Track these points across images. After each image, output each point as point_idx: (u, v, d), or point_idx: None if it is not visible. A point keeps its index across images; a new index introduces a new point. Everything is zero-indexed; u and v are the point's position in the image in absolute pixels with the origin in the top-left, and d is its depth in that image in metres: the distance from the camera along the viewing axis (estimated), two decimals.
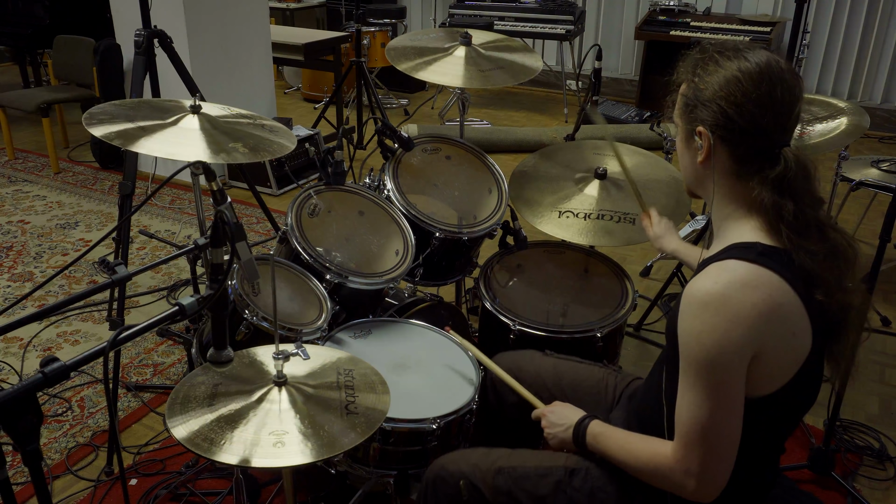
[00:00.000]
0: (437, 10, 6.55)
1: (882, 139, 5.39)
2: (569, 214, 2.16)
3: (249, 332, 1.78)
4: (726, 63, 1.21)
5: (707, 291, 1.15)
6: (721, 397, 1.15)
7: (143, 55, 2.45)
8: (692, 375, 1.17)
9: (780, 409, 1.23)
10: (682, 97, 1.29)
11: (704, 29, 5.49)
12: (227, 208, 1.30)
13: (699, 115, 1.24)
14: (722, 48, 1.25)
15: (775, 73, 1.19)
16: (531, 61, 2.43)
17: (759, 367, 1.16)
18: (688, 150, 1.30)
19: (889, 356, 2.85)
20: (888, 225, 1.97)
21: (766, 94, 1.18)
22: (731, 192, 1.26)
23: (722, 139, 1.22)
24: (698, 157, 1.26)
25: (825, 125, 2.22)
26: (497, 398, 1.77)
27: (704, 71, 1.24)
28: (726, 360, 1.13)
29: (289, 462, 1.22)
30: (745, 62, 1.20)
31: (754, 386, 1.17)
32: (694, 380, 1.17)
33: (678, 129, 1.33)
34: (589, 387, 1.66)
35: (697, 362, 1.16)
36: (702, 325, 1.14)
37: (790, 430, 1.33)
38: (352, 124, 4.99)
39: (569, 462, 1.45)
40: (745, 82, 1.19)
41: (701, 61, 1.25)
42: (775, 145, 1.21)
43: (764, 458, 1.31)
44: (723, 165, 1.24)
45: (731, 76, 1.20)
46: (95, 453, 2.29)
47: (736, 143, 1.22)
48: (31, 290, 1.38)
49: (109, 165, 4.64)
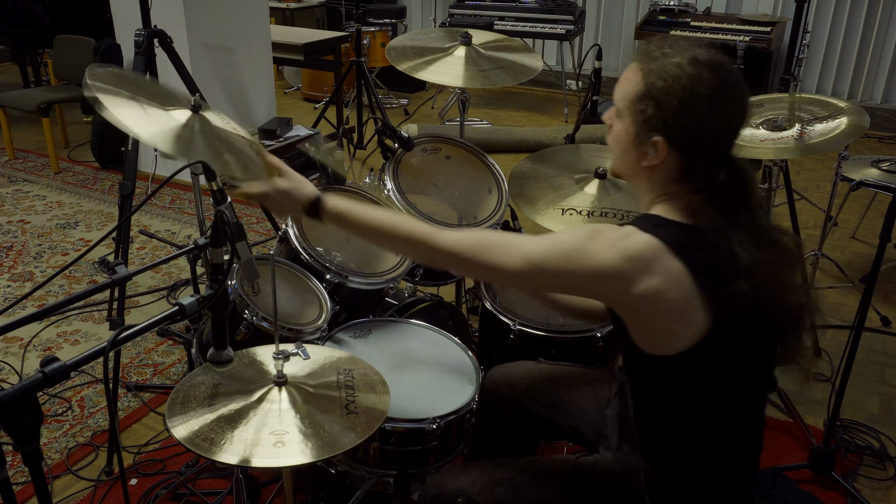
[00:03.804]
0: (437, 10, 6.55)
1: (882, 139, 5.39)
2: (571, 212, 2.16)
3: (249, 332, 1.78)
4: (688, 71, 1.19)
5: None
6: (560, 259, 1.22)
7: (143, 55, 2.45)
8: (562, 239, 1.26)
9: (704, 383, 1.25)
10: (638, 90, 1.24)
11: (704, 29, 5.49)
12: (227, 208, 1.30)
13: (655, 122, 1.21)
14: (681, 50, 1.22)
15: (734, 86, 1.20)
16: (531, 61, 2.43)
17: (637, 313, 1.22)
18: (634, 148, 1.27)
19: (889, 356, 2.85)
20: (888, 225, 1.97)
21: (725, 107, 1.19)
22: (666, 190, 1.27)
23: (675, 149, 1.22)
24: (645, 161, 1.26)
25: (825, 125, 2.22)
26: (495, 412, 1.76)
27: (663, 72, 1.20)
28: (589, 262, 1.19)
29: (289, 462, 1.22)
30: (706, 72, 1.18)
31: (649, 335, 1.23)
32: (561, 244, 1.24)
33: (621, 117, 1.29)
34: (583, 386, 1.66)
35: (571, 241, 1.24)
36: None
37: (747, 421, 1.34)
38: (352, 124, 4.99)
39: (567, 465, 1.45)
40: (708, 96, 1.18)
41: (661, 59, 1.22)
42: (723, 155, 1.23)
43: (728, 451, 1.32)
44: (668, 172, 1.25)
45: (696, 89, 1.18)
46: (95, 453, 2.29)
47: (688, 154, 1.22)
48: (31, 290, 1.37)
49: (109, 165, 4.64)
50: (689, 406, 1.29)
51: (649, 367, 1.28)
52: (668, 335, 1.21)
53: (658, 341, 1.23)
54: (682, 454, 1.33)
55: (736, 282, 1.18)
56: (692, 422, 1.30)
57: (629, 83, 1.26)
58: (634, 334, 1.26)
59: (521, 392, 1.69)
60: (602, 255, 1.19)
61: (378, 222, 1.36)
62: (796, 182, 4.39)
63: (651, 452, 1.35)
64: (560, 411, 1.65)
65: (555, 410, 1.66)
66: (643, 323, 1.24)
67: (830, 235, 3.73)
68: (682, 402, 1.29)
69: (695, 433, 1.31)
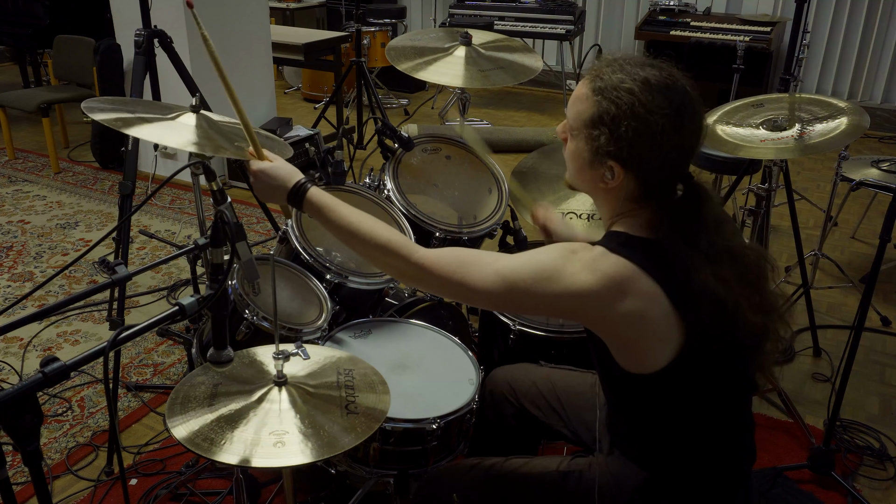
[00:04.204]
0: (437, 10, 6.55)
1: (882, 139, 5.39)
2: (571, 215, 2.16)
3: (249, 331, 1.78)
4: (641, 98, 1.17)
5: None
6: (534, 281, 1.21)
7: (143, 55, 2.45)
8: (536, 258, 1.24)
9: (682, 395, 1.25)
10: (591, 114, 1.22)
11: (704, 29, 5.49)
12: (227, 208, 1.30)
13: (610, 150, 1.20)
14: (632, 73, 1.20)
15: (689, 108, 1.19)
16: (531, 61, 2.43)
17: (619, 334, 1.22)
18: (590, 169, 1.26)
19: (889, 356, 2.85)
20: (888, 225, 1.97)
21: (679, 130, 1.18)
22: (625, 208, 1.26)
23: (631, 173, 1.22)
24: (601, 184, 1.25)
25: (825, 125, 2.22)
26: (496, 413, 1.76)
27: (616, 98, 1.19)
28: (564, 285, 1.19)
29: (289, 462, 1.22)
30: (659, 98, 1.17)
31: (632, 354, 1.23)
32: (534, 263, 1.23)
33: (574, 137, 1.27)
34: (581, 392, 1.66)
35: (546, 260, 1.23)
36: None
37: (732, 425, 1.34)
38: (352, 124, 4.99)
39: (562, 465, 1.45)
40: (662, 123, 1.16)
41: (613, 83, 1.20)
42: (680, 173, 1.23)
43: (716, 456, 1.32)
44: (626, 192, 1.24)
45: (649, 118, 1.17)
46: (95, 453, 2.29)
47: (644, 176, 1.22)
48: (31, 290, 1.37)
49: (109, 165, 4.64)
50: (667, 418, 1.29)
51: (628, 385, 1.28)
52: (650, 353, 1.22)
53: (641, 360, 1.23)
54: (667, 462, 1.33)
55: (703, 297, 1.18)
56: (673, 432, 1.30)
57: (581, 103, 1.25)
58: (617, 355, 1.25)
59: (522, 395, 1.70)
60: (578, 276, 1.19)
61: (356, 223, 1.34)
62: (796, 182, 4.40)
63: (640, 458, 1.36)
64: (559, 416, 1.66)
65: (555, 416, 1.66)
66: (627, 343, 1.23)
67: (830, 235, 3.73)
68: (660, 414, 1.29)
69: (677, 442, 1.31)
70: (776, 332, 1.26)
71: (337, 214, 1.36)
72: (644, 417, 1.32)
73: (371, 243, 1.33)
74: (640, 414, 1.32)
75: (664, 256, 1.20)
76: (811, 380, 2.69)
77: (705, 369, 1.24)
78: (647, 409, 1.30)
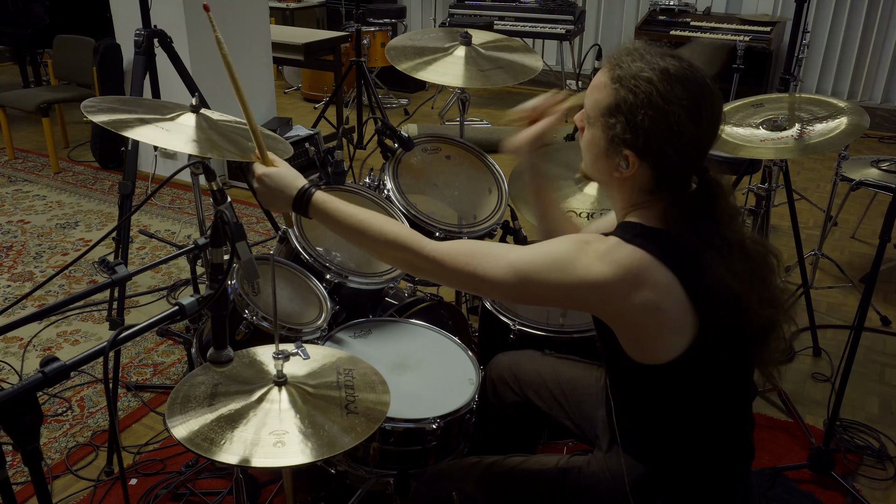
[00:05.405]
0: (437, 9, 6.55)
1: (882, 139, 5.39)
2: (571, 214, 2.16)
3: (249, 331, 1.78)
4: (660, 87, 1.17)
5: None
6: (547, 270, 1.21)
7: (143, 55, 2.45)
8: (549, 250, 1.24)
9: (688, 389, 1.26)
10: (608, 102, 1.22)
11: (704, 28, 5.49)
12: (227, 208, 1.30)
13: (626, 138, 1.20)
14: (652, 62, 1.19)
15: (707, 100, 1.19)
16: (531, 61, 2.43)
17: (632, 325, 1.22)
18: (605, 158, 1.26)
19: (889, 356, 2.85)
20: (888, 225, 1.97)
21: (697, 122, 1.18)
22: (639, 199, 1.26)
23: (647, 163, 1.22)
24: (616, 173, 1.25)
25: (825, 125, 2.22)
26: (497, 399, 1.77)
27: (634, 87, 1.18)
28: (579, 273, 1.19)
29: (289, 462, 1.22)
30: (678, 89, 1.17)
31: (643, 346, 1.23)
32: (548, 254, 1.24)
33: (591, 125, 1.27)
34: (586, 385, 1.66)
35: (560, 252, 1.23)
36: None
37: (733, 424, 1.34)
38: (352, 124, 4.99)
39: (560, 462, 1.45)
40: (680, 114, 1.16)
41: (632, 72, 1.20)
42: (696, 166, 1.22)
43: (715, 454, 1.32)
44: (640, 182, 1.24)
45: (667, 108, 1.16)
46: (95, 453, 2.29)
47: (660, 167, 1.22)
48: (31, 290, 1.37)
49: (109, 165, 4.64)
50: (673, 411, 1.29)
51: (636, 376, 1.28)
52: (662, 344, 1.21)
53: (652, 351, 1.23)
54: (668, 457, 1.33)
55: (718, 291, 1.18)
56: (676, 426, 1.30)
57: (599, 92, 1.24)
58: (626, 345, 1.25)
59: (526, 385, 1.69)
60: (592, 267, 1.18)
61: (365, 222, 1.34)
62: (796, 182, 4.40)
63: (638, 454, 1.36)
64: (562, 409, 1.66)
65: (558, 407, 1.66)
66: (639, 334, 1.23)
67: (830, 235, 3.73)
68: (666, 407, 1.29)
69: (679, 437, 1.31)
70: (781, 327, 1.26)
71: (345, 215, 1.36)
72: (647, 410, 1.32)
73: (381, 240, 1.33)
74: (644, 406, 1.32)
75: (679, 248, 1.20)
76: (811, 380, 2.69)
77: (714, 363, 1.24)
78: (651, 401, 1.30)
